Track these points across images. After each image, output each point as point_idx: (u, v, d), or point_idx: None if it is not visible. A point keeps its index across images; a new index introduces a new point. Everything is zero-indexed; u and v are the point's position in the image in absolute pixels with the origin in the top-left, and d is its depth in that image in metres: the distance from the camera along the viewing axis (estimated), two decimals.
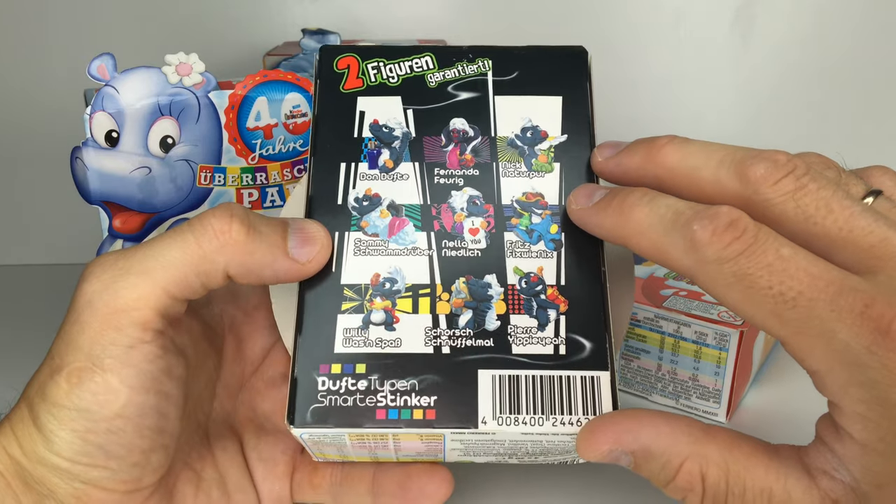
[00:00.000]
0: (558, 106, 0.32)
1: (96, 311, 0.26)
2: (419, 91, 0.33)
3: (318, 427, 0.27)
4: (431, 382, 0.28)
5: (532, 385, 0.28)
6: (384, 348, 0.28)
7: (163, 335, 0.27)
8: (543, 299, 0.29)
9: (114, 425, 0.26)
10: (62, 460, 0.26)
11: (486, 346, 0.29)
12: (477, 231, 0.30)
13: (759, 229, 0.24)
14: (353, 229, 0.30)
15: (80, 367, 0.26)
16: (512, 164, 0.31)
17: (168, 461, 0.28)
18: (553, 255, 0.30)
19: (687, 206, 0.25)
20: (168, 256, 0.27)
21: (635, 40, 0.58)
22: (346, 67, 0.33)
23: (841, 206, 0.24)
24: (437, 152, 0.32)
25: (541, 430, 0.27)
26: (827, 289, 0.23)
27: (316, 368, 0.28)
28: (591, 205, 0.29)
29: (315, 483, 0.32)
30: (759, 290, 0.23)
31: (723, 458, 0.25)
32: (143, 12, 0.57)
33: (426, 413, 0.27)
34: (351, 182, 0.31)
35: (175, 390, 0.28)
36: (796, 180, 0.25)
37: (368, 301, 0.29)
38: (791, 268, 0.23)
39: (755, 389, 0.43)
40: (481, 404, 0.28)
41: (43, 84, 0.57)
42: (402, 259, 0.30)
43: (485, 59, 0.33)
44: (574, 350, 0.28)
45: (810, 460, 0.25)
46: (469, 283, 0.29)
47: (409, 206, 0.31)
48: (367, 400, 0.28)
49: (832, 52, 0.57)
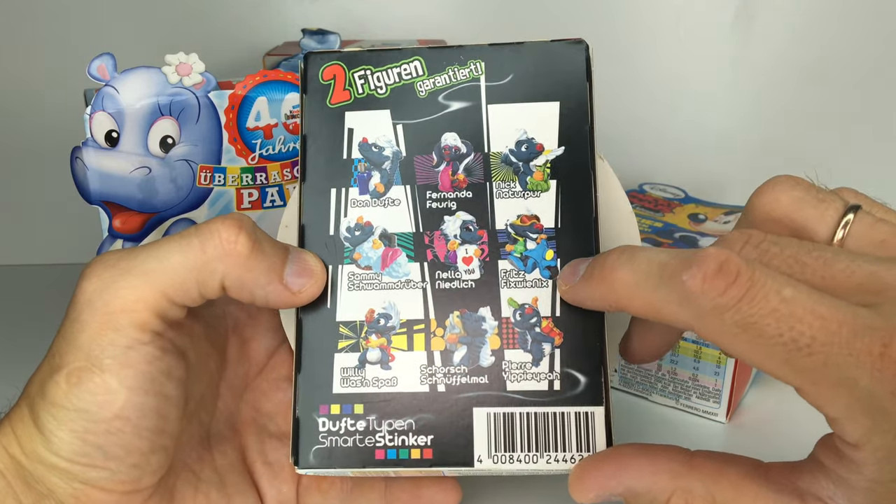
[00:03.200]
0: (555, 113, 0.31)
1: (96, 310, 0.26)
2: (408, 102, 0.31)
3: (321, 469, 0.28)
4: (428, 421, 0.28)
5: (526, 422, 0.28)
6: (381, 388, 0.29)
7: (161, 337, 0.27)
8: (538, 332, 0.29)
9: (113, 426, 0.26)
10: (61, 460, 0.26)
11: (481, 382, 0.29)
12: (471, 260, 0.30)
13: (754, 269, 0.22)
14: (347, 262, 0.30)
15: (79, 366, 0.26)
16: (506, 184, 0.30)
17: (168, 462, 0.28)
18: (548, 284, 0.29)
19: (670, 256, 0.24)
20: (170, 260, 0.27)
21: (635, 40, 0.58)
22: (331, 78, 0.32)
23: (811, 257, 0.23)
24: (428, 173, 0.31)
25: (535, 467, 0.28)
26: (840, 331, 0.21)
27: (316, 409, 0.29)
28: (576, 281, 0.28)
29: (324, 489, 0.32)
30: (769, 338, 0.22)
31: (707, 490, 0.25)
32: (143, 12, 0.57)
33: (423, 452, 0.28)
34: (342, 209, 0.31)
35: (175, 392, 0.28)
36: (755, 248, 0.24)
37: (364, 339, 0.29)
38: (798, 311, 0.22)
39: (755, 389, 0.43)
40: (477, 443, 0.28)
41: (43, 84, 0.57)
42: (396, 293, 0.30)
43: (477, 60, 0.31)
44: (569, 385, 0.28)
45: (804, 484, 0.24)
46: (463, 318, 0.29)
47: (401, 235, 0.30)
48: (367, 440, 0.28)
49: (832, 51, 0.57)
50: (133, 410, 0.26)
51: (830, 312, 0.22)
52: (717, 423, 0.40)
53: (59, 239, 0.59)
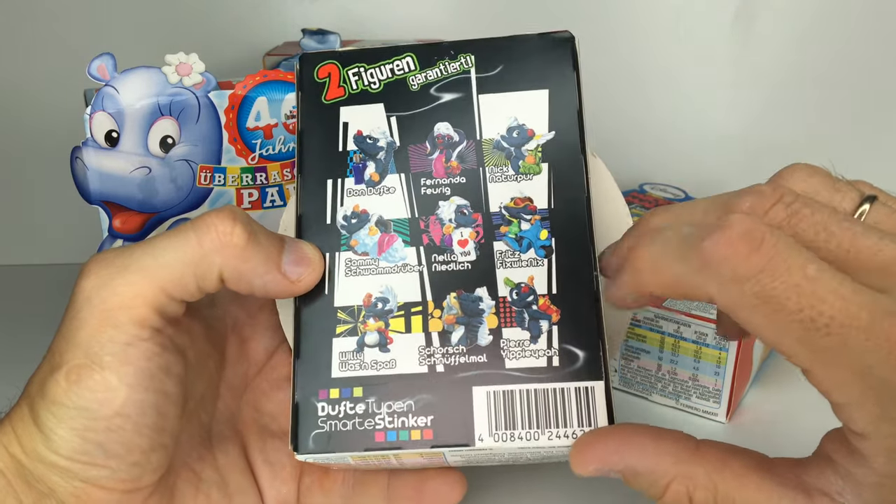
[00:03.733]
0: (545, 100, 0.31)
1: (94, 307, 0.26)
2: (401, 96, 0.32)
3: (320, 453, 0.28)
4: (427, 402, 0.28)
5: (526, 399, 0.28)
6: (379, 370, 0.29)
7: (161, 333, 0.27)
8: (535, 310, 0.29)
9: (113, 423, 0.26)
10: (61, 458, 0.26)
11: (480, 361, 0.29)
12: (466, 242, 0.30)
13: (778, 238, 0.21)
14: (344, 249, 0.30)
15: (78, 364, 0.26)
16: (499, 169, 0.31)
17: (167, 461, 0.28)
18: (544, 263, 0.30)
19: (691, 227, 0.23)
20: (168, 255, 0.27)
21: (635, 40, 0.58)
22: (326, 76, 0.32)
23: (841, 227, 0.23)
24: (422, 161, 0.31)
25: (537, 444, 0.28)
26: (860, 314, 0.21)
27: (315, 394, 0.29)
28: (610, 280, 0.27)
29: (326, 487, 0.32)
30: (788, 314, 0.21)
31: (710, 479, 0.25)
32: (143, 12, 0.57)
33: (424, 433, 0.28)
34: (339, 199, 0.31)
35: (174, 389, 0.28)
36: (786, 207, 0.23)
37: (362, 323, 0.29)
38: (820, 289, 0.21)
39: (755, 389, 0.43)
40: (477, 422, 0.28)
41: (43, 84, 0.57)
42: (393, 277, 0.30)
43: (467, 54, 0.32)
44: (567, 361, 0.28)
45: (810, 479, 0.24)
46: (460, 298, 0.29)
47: (396, 221, 0.31)
48: (366, 423, 0.28)
49: (832, 51, 0.57)
50: (133, 407, 0.26)
51: (852, 295, 0.21)
52: (717, 423, 0.40)
53: (59, 239, 0.59)
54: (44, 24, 0.56)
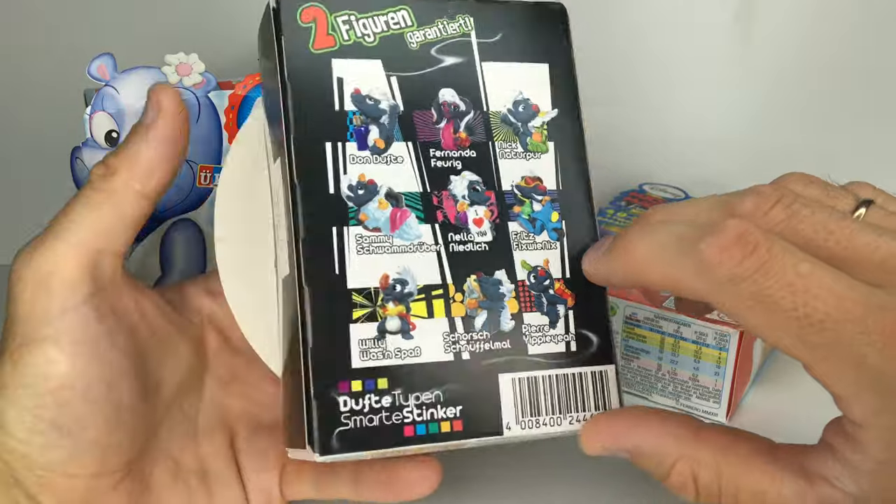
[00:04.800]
0: (546, 75, 0.31)
1: (26, 281, 0.27)
2: (400, 53, 0.29)
3: (349, 452, 0.26)
4: (455, 392, 0.27)
5: (549, 385, 0.28)
6: (404, 359, 0.27)
7: (95, 297, 0.27)
8: (552, 294, 0.29)
9: (60, 397, 0.26)
10: (19, 444, 0.26)
11: (504, 348, 0.28)
12: (482, 222, 0.29)
13: (772, 242, 0.22)
14: (353, 223, 0.28)
15: (19, 343, 0.26)
16: (508, 144, 0.30)
17: (135, 444, 0.28)
18: (556, 246, 0.29)
19: (688, 227, 0.24)
20: (76, 213, 0.28)
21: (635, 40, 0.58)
22: (311, 21, 0.29)
23: (839, 226, 0.23)
24: (430, 130, 0.29)
25: (559, 429, 0.28)
26: (854, 309, 0.22)
27: (335, 387, 0.26)
28: (600, 254, 0.28)
29: (302, 474, 0.32)
30: (783, 312, 0.22)
31: (715, 460, 0.25)
32: (143, 12, 0.56)
33: (453, 424, 0.27)
34: (341, 166, 0.28)
35: (123, 362, 0.28)
36: (786, 208, 0.24)
37: (381, 307, 0.27)
38: (814, 286, 0.22)
39: (755, 389, 0.43)
40: (504, 410, 0.27)
41: (43, 84, 0.57)
42: (410, 257, 0.28)
43: (465, 15, 0.30)
44: (583, 345, 0.29)
45: (811, 464, 0.24)
46: (480, 281, 0.28)
47: (408, 195, 0.29)
48: (394, 417, 0.26)
49: (833, 51, 0.57)
50: (78, 379, 0.26)
51: (846, 290, 0.22)
52: (717, 423, 0.40)
53: None
54: (44, 24, 0.56)
